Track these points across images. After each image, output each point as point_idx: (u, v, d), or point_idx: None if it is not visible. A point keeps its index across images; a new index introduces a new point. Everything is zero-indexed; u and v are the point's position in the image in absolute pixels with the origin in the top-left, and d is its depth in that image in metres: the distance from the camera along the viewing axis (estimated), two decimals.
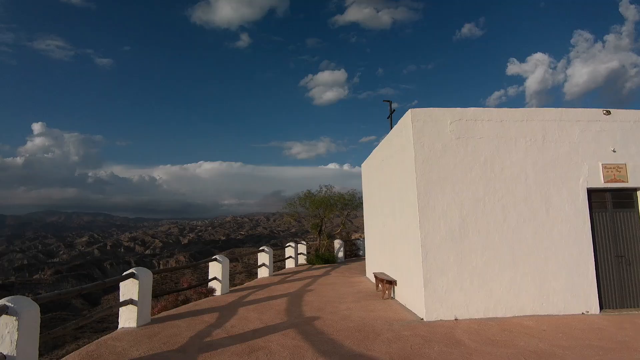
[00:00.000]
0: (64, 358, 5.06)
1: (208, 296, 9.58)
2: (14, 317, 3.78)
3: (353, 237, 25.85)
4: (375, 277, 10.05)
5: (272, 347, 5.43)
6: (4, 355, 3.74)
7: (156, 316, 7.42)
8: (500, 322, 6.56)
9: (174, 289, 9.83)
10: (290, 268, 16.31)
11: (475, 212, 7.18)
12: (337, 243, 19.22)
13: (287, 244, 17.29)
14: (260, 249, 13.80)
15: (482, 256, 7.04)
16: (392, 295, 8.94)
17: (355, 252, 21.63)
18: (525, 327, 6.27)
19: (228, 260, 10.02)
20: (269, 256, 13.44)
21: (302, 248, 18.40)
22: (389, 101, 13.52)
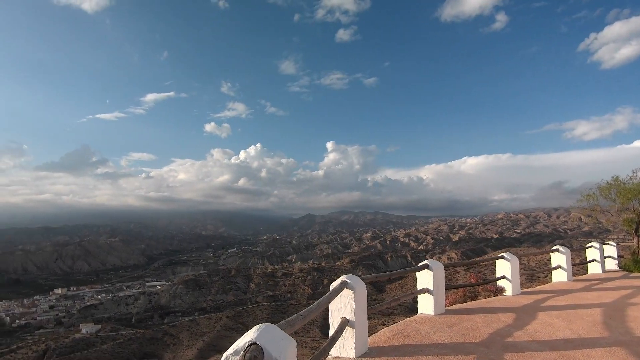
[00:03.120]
0: (381, 330, 6.02)
1: (497, 295, 9.17)
2: (352, 291, 4.81)
3: None
4: None
5: None
6: (347, 319, 4.81)
7: (448, 308, 7.71)
8: None
9: (447, 285, 9.98)
10: (594, 274, 13.41)
11: None
12: None
13: (589, 245, 14.29)
14: (554, 248, 12.00)
15: None
16: None
17: None
18: None
19: (517, 259, 9.26)
20: (566, 257, 11.50)
21: (609, 250, 14.79)
22: None
